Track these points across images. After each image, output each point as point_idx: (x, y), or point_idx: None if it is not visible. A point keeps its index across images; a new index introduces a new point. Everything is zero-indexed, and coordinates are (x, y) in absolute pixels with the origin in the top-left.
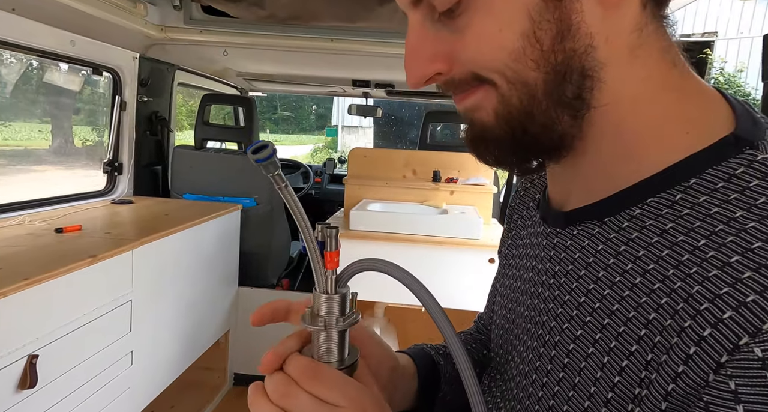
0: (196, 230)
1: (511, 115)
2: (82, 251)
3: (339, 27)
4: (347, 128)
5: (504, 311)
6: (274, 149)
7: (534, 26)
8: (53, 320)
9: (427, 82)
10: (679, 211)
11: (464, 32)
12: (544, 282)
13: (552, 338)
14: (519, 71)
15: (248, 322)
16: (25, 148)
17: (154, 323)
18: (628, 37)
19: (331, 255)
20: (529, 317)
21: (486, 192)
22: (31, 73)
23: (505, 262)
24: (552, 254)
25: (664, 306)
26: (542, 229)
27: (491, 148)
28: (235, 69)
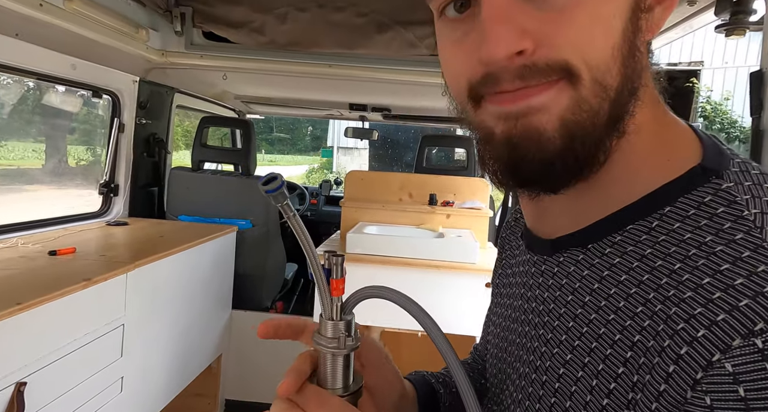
0: (191, 253)
1: (577, 125)
2: (76, 274)
3: (338, 53)
4: (343, 150)
5: (497, 339)
6: (284, 181)
7: (626, 27)
8: (43, 346)
9: (511, 59)
10: (656, 237)
11: (568, 11)
12: (534, 309)
13: (543, 364)
14: (610, 72)
15: (241, 346)
16: (17, 168)
17: (145, 348)
18: (643, 73)
19: (336, 282)
20: (521, 345)
21: (482, 216)
22: (28, 93)
23: (497, 291)
24: (540, 280)
25: (647, 328)
26: (530, 257)
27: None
28: (234, 92)
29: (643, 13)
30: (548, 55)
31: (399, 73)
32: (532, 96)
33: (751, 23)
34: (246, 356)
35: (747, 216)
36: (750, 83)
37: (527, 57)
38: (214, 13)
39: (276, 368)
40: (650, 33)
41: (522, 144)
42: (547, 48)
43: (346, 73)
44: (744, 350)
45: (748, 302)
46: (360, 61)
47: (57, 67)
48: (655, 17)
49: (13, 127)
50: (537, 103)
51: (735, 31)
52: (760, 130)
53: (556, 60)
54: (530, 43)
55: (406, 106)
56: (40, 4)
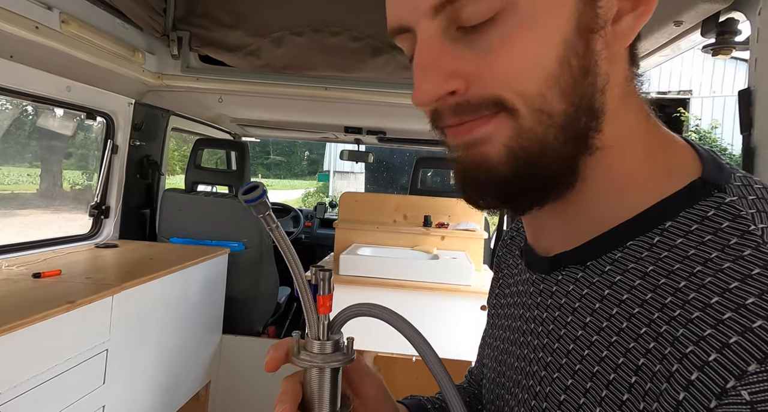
0: (180, 275)
1: (524, 152)
2: (59, 297)
3: (333, 76)
4: (339, 174)
5: (494, 363)
6: (264, 190)
7: (567, 53)
8: (21, 372)
9: (438, 101)
10: (659, 253)
11: (495, 50)
12: (532, 330)
13: (543, 389)
14: (548, 99)
15: (231, 373)
16: (11, 192)
17: (130, 374)
18: (622, 84)
19: (323, 299)
20: (519, 368)
21: (477, 238)
22: (25, 118)
23: (493, 312)
24: (539, 300)
25: (652, 351)
26: (528, 276)
27: (485, 188)
28: (229, 115)
29: (600, 30)
30: (479, 92)
31: (393, 96)
32: (474, 128)
33: (737, 43)
34: (236, 383)
35: (754, 231)
36: (739, 101)
37: (460, 95)
38: (210, 37)
39: (267, 396)
40: (621, 42)
41: (473, 170)
42: (478, 86)
43: (342, 95)
44: (761, 377)
45: (762, 323)
46: (355, 84)
47: (52, 89)
48: (625, 26)
49: (8, 153)
50: (480, 135)
51: (722, 51)
52: (751, 148)
53: (488, 96)
54: (461, 83)
55: (401, 129)
56: (36, 26)
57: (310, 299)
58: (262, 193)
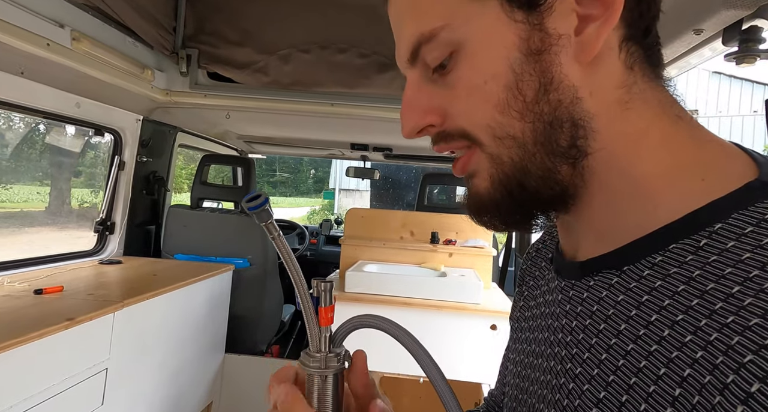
0: (184, 292)
1: (506, 176)
2: (59, 314)
3: (340, 92)
4: (344, 191)
5: (516, 379)
6: (267, 198)
7: (516, 78)
8: (17, 392)
9: (420, 133)
10: (706, 257)
11: (454, 87)
12: (560, 340)
13: (571, 403)
14: (505, 124)
15: (234, 393)
16: (21, 210)
17: (129, 394)
18: (615, 92)
19: (325, 311)
20: (544, 382)
21: (485, 255)
22: (37, 137)
23: (517, 325)
24: (568, 308)
25: (699, 361)
26: (556, 283)
27: (492, 213)
28: (236, 132)
29: (553, 48)
30: (450, 126)
31: (399, 112)
32: (462, 165)
33: (761, 51)
34: (239, 404)
35: None
36: (765, 109)
37: (438, 127)
38: (219, 54)
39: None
40: (589, 52)
41: (474, 200)
42: (449, 120)
43: (348, 111)
44: None
45: None
46: (361, 100)
47: (62, 106)
48: (588, 37)
49: (19, 172)
50: (471, 169)
51: (745, 59)
52: None
53: (456, 129)
54: (436, 117)
55: (408, 146)
56: (48, 43)
57: (312, 311)
58: (264, 201)
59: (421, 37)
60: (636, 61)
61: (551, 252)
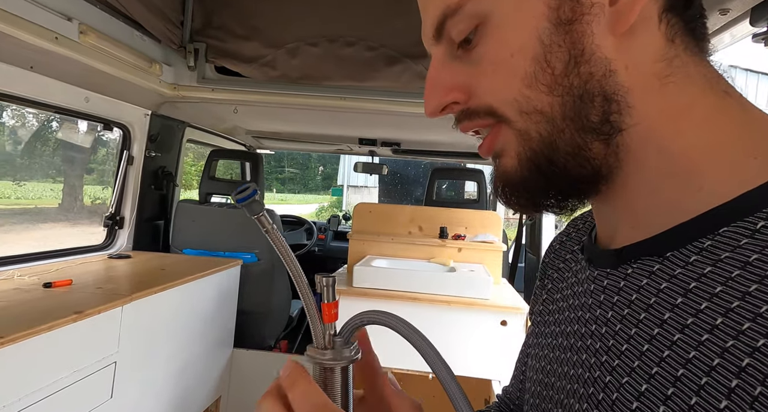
0: (192, 286)
1: (534, 153)
2: (68, 307)
3: (348, 86)
4: (353, 188)
5: (540, 375)
6: (256, 190)
7: (545, 50)
8: (25, 384)
9: (444, 111)
10: (764, 240)
11: (480, 62)
12: (594, 332)
13: (608, 397)
14: (532, 98)
15: (242, 388)
16: (35, 207)
17: (138, 388)
18: (654, 65)
19: (328, 307)
20: (575, 377)
21: (495, 250)
22: (49, 134)
23: (540, 319)
24: (602, 298)
25: (761, 349)
26: (589, 273)
27: (521, 193)
28: (244, 127)
29: (585, 18)
30: (475, 103)
31: (408, 105)
32: (489, 144)
33: None
34: (247, 399)
35: None
36: None
37: (462, 105)
38: (226, 48)
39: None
40: (624, 21)
41: (502, 181)
42: (474, 97)
43: (357, 105)
44: None
45: None
46: (370, 94)
47: (71, 100)
48: (624, 5)
49: (32, 167)
50: (497, 148)
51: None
52: None
53: (482, 106)
54: (460, 94)
55: (416, 141)
56: (56, 37)
57: (314, 307)
58: (253, 192)
59: (447, 9)
60: (677, 34)
61: (577, 243)
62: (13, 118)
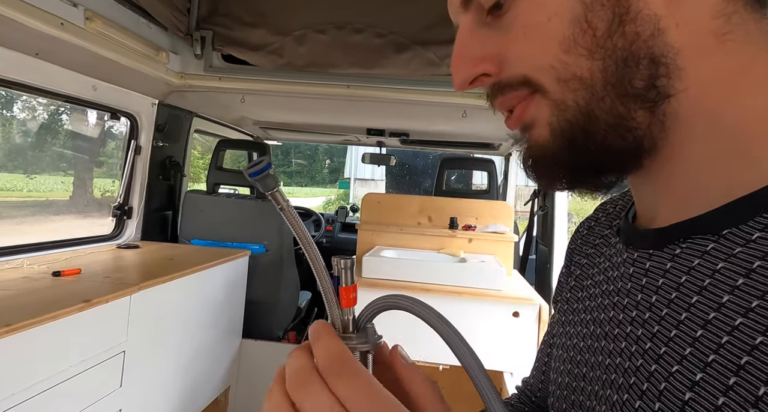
0: (200, 276)
1: (568, 124)
2: (76, 296)
3: (356, 74)
4: (360, 181)
5: (568, 365)
6: (270, 163)
7: (585, 10)
8: (35, 372)
9: (473, 83)
10: None
11: (511, 28)
12: (634, 318)
13: (654, 387)
14: (570, 64)
15: (251, 378)
16: (46, 199)
17: (147, 377)
18: (709, 23)
19: (346, 291)
20: (611, 366)
21: (507, 241)
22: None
23: (567, 307)
24: (644, 282)
25: None
26: (626, 256)
27: (552, 168)
28: (252, 117)
29: None
30: (508, 73)
31: (418, 93)
32: (518, 116)
33: None
34: (256, 390)
35: None
36: None
37: (495, 77)
38: (233, 36)
39: None
40: None
41: (532, 156)
42: (508, 66)
43: (365, 93)
44: None
45: None
46: (378, 82)
47: (78, 89)
48: None
49: (43, 160)
50: (528, 119)
51: None
52: None
53: (515, 76)
54: (491, 65)
55: (425, 131)
56: (61, 23)
57: (332, 291)
58: (267, 166)
59: None
60: None
61: (607, 228)
62: (24, 111)
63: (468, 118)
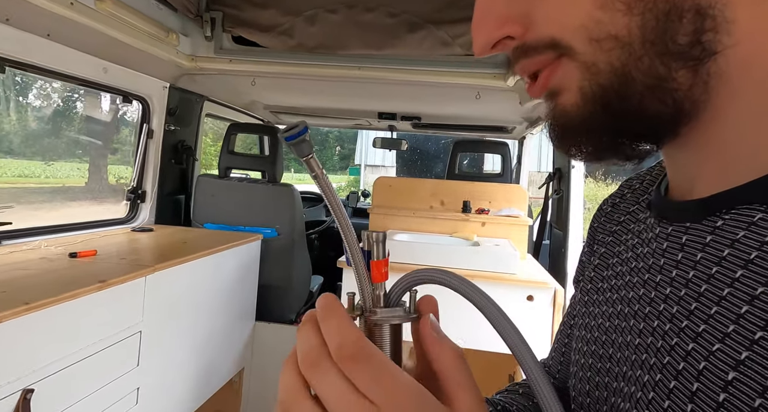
0: (213, 259)
1: (601, 88)
2: (93, 276)
3: (367, 54)
4: (370, 167)
5: (593, 346)
6: (306, 127)
7: None
8: (54, 350)
9: (495, 47)
10: None
11: None
12: (668, 295)
13: (692, 366)
14: (605, 22)
15: (265, 360)
16: (63, 185)
17: (164, 358)
18: None
19: (378, 265)
20: (642, 346)
21: (521, 224)
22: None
23: (591, 286)
24: (680, 257)
25: None
26: (659, 231)
27: (580, 136)
28: (263, 101)
29: None
30: (534, 36)
31: (431, 74)
32: (544, 81)
33: None
34: (269, 372)
35: None
36: None
37: (519, 40)
38: (243, 17)
39: None
40: None
41: (559, 125)
42: (534, 28)
43: (376, 75)
44: None
45: None
46: (390, 63)
47: (89, 71)
48: None
49: (60, 149)
50: (554, 86)
51: None
52: None
53: (543, 38)
54: (515, 27)
55: (437, 114)
56: (71, 2)
57: (363, 265)
58: (304, 130)
59: None
60: None
61: (634, 204)
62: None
63: (482, 100)
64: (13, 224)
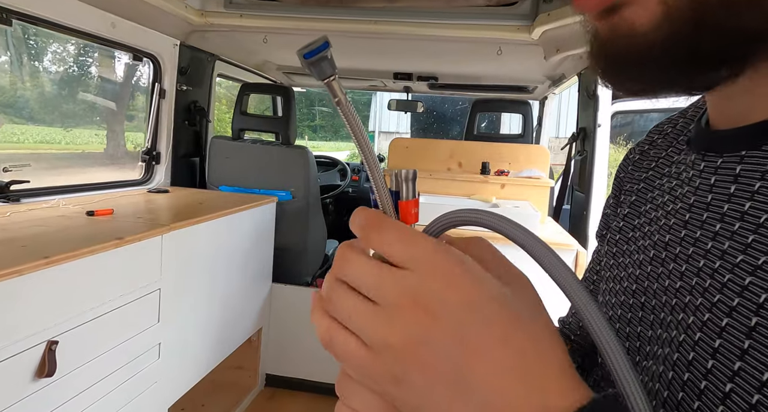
0: (229, 220)
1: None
2: (109, 234)
3: (382, 8)
4: (384, 134)
5: (623, 296)
6: (327, 42)
7: None
8: (75, 304)
9: None
10: None
11: None
12: (717, 232)
13: (749, 301)
14: None
15: (282, 321)
16: (83, 151)
17: (183, 315)
18: None
19: (407, 205)
20: (685, 288)
21: (542, 186)
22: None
23: (620, 237)
24: (732, 189)
25: None
26: (704, 166)
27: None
28: (275, 62)
29: None
30: None
31: (450, 27)
32: None
33: None
34: (286, 331)
35: None
36: None
37: None
38: None
39: (317, 345)
40: None
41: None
42: None
43: (392, 29)
44: None
45: None
46: (406, 16)
47: (97, 25)
48: None
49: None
50: None
51: None
52: None
53: None
54: None
55: (455, 74)
56: None
57: (390, 205)
58: (324, 45)
59: None
60: None
61: (666, 148)
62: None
63: (503, 56)
64: (30, 182)
